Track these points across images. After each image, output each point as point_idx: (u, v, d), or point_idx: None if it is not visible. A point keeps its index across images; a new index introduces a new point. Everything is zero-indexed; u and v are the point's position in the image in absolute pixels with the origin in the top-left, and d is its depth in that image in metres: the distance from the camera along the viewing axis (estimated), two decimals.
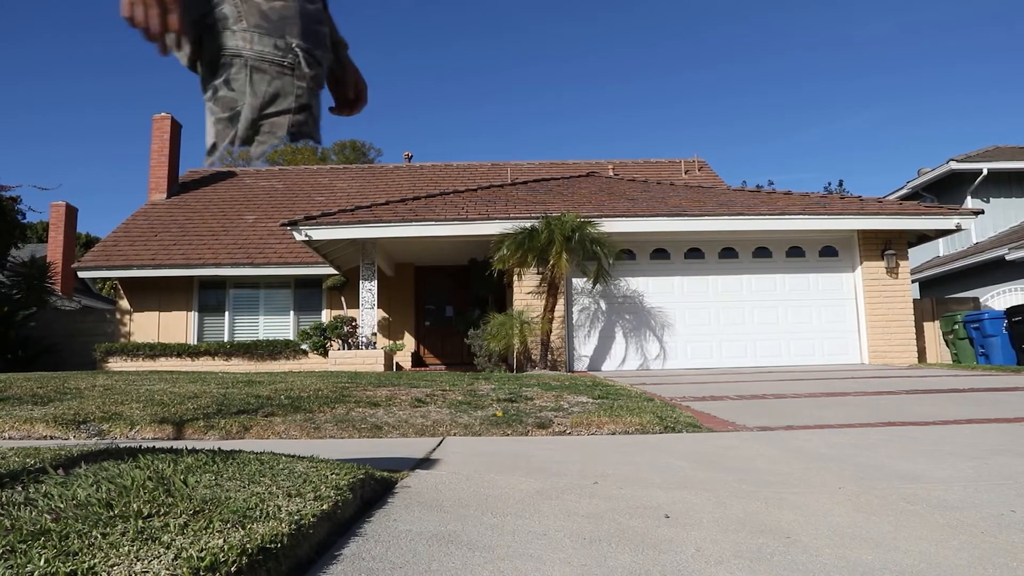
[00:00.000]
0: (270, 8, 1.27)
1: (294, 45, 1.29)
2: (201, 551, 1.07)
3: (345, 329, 12.38)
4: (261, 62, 1.27)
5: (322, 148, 41.66)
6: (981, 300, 12.77)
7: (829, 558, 1.31)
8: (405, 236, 10.64)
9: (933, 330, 12.09)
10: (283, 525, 1.26)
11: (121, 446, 2.43)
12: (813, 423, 3.48)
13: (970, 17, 65.36)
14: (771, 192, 12.41)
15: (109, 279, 17.11)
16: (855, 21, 66.46)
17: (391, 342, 13.19)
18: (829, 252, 10.99)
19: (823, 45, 67.88)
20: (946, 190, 16.98)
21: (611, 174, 15.63)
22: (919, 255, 17.24)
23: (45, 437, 3.44)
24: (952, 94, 69.91)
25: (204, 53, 1.29)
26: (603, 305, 10.64)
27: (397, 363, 12.27)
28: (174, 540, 1.13)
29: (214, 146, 1.29)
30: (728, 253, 10.90)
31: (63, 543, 1.09)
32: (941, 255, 17.37)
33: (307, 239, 10.58)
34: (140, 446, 2.28)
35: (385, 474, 2.05)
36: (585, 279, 10.23)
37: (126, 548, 1.08)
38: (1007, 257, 13.90)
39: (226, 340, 14.11)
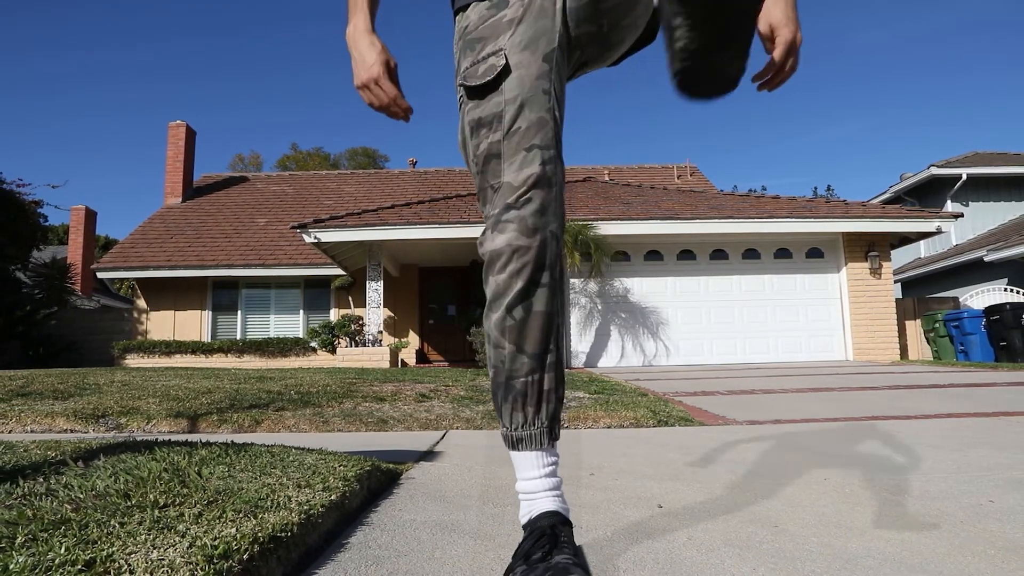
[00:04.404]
0: None
1: None
2: (215, 540, 1.07)
3: (352, 327, 12.38)
4: None
5: (335, 154, 41.82)
6: (960, 300, 12.76)
7: (816, 546, 1.31)
8: (410, 238, 10.65)
9: (915, 328, 12.10)
10: (293, 515, 1.26)
11: (138, 439, 2.43)
12: (800, 417, 3.48)
13: (956, 29, 65.51)
14: (760, 196, 12.41)
15: (127, 279, 17.10)
16: (849, 30, 66.59)
17: (396, 340, 13.19)
18: (815, 254, 10.99)
19: (818, 55, 67.91)
20: (927, 194, 16.97)
21: (606, 179, 15.63)
22: (901, 256, 17.23)
23: (65, 431, 3.44)
24: (936, 102, 70.07)
25: None
26: (599, 304, 10.64)
27: (402, 360, 12.26)
28: (189, 529, 1.13)
29: None
30: (719, 255, 10.90)
31: (83, 532, 1.09)
32: (922, 256, 17.36)
33: (316, 241, 10.58)
34: (156, 439, 2.28)
35: (391, 466, 2.05)
36: (583, 279, 10.23)
37: (143, 537, 1.08)
38: (985, 259, 13.90)
39: (238, 338, 14.11)
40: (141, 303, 14.44)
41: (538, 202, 1.14)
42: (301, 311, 14.53)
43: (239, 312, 14.51)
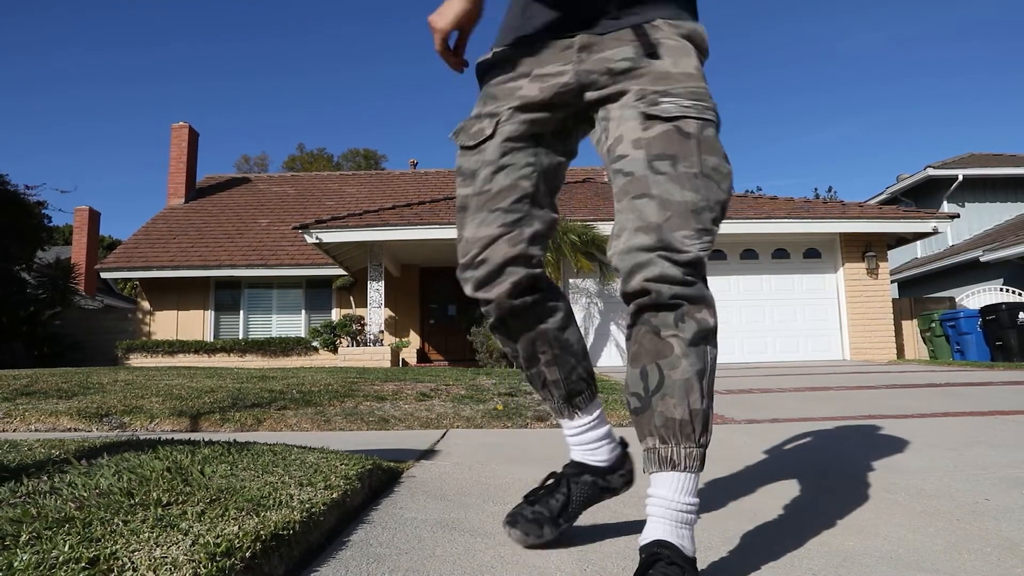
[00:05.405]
0: None
1: None
2: (217, 537, 1.07)
3: (354, 327, 12.38)
4: None
5: (337, 156, 41.83)
6: (956, 300, 12.76)
7: (813, 544, 1.31)
8: (410, 239, 10.65)
9: (911, 328, 12.09)
10: (295, 513, 1.26)
11: (141, 438, 2.43)
12: (797, 416, 3.48)
13: (953, 31, 65.63)
14: (758, 197, 12.41)
15: (130, 280, 17.11)
16: (847, 31, 66.70)
17: (397, 339, 13.19)
18: (813, 254, 10.99)
19: (816, 56, 68.06)
20: (924, 195, 16.97)
21: (606, 180, 15.62)
22: (898, 257, 17.23)
23: (69, 429, 3.44)
24: (933, 104, 70.13)
25: None
26: (599, 304, 10.65)
27: (403, 359, 12.26)
28: (192, 527, 1.13)
29: None
30: (717, 255, 10.90)
31: (86, 530, 1.09)
32: (919, 257, 17.35)
33: (318, 242, 10.59)
34: (159, 438, 2.28)
35: (392, 464, 2.05)
36: (582, 279, 10.23)
37: (146, 535, 1.07)
38: (981, 259, 13.89)
39: (241, 337, 14.10)
40: (144, 303, 14.43)
41: (493, 263, 1.21)
42: (303, 311, 14.53)
43: (241, 312, 14.50)
